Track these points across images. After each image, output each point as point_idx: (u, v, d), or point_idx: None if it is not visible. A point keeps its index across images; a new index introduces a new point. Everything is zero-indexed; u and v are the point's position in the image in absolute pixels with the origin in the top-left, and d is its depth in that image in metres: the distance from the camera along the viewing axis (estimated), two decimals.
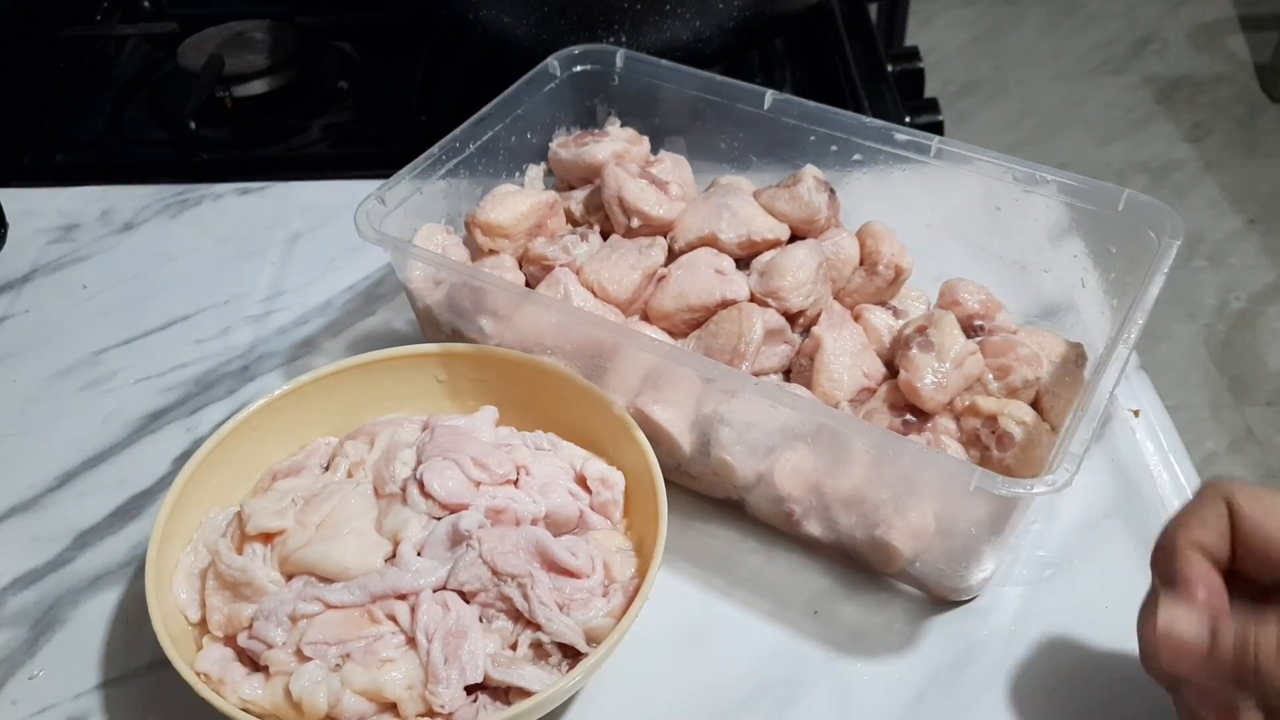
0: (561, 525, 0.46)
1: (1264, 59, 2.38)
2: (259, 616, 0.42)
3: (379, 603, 0.42)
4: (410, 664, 0.41)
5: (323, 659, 0.41)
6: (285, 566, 0.44)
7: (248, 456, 0.49)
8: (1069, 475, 0.39)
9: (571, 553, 0.43)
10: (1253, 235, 2.00)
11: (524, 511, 0.45)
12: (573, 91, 0.63)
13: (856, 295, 0.56)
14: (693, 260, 0.54)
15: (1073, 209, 0.54)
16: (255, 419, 0.49)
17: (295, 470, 0.49)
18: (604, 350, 0.50)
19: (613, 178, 0.56)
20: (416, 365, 0.52)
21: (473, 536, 0.43)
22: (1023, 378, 0.49)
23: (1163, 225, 0.51)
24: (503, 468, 0.46)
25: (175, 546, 0.45)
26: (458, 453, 0.46)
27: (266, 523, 0.45)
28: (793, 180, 0.56)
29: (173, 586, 0.45)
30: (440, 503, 0.44)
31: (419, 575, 0.43)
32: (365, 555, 0.43)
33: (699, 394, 0.48)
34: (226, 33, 0.87)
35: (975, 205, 0.56)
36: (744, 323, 0.51)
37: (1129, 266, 0.52)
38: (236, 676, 0.42)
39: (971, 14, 2.63)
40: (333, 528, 0.44)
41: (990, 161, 0.55)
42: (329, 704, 0.40)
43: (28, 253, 0.69)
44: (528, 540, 0.43)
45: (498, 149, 0.59)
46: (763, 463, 0.48)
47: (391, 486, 0.46)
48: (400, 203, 0.54)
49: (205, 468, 0.47)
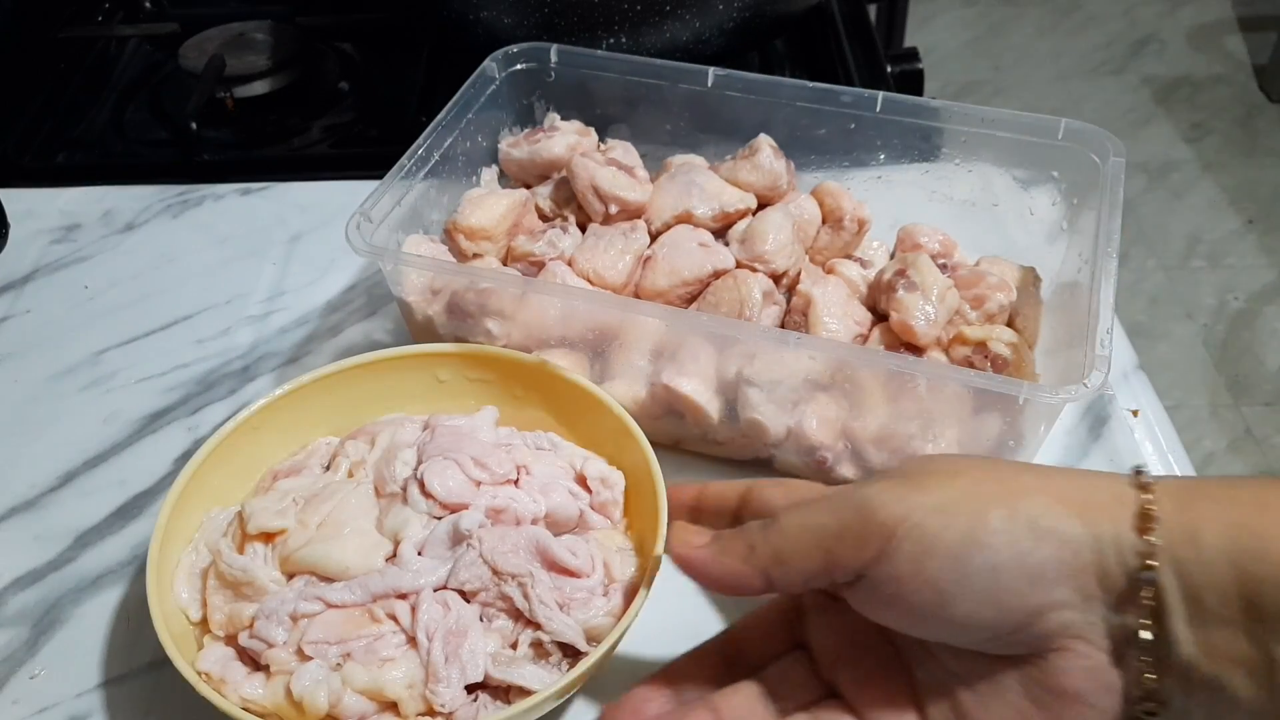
0: (562, 525, 0.46)
1: (1263, 60, 2.39)
2: (260, 616, 0.42)
3: (380, 602, 0.42)
4: (411, 663, 0.41)
5: (323, 658, 0.41)
6: (286, 566, 0.44)
7: (249, 456, 0.49)
8: (1102, 376, 0.43)
9: (572, 552, 0.43)
10: (1251, 235, 2.01)
11: (524, 511, 0.45)
12: (511, 91, 0.63)
13: (825, 252, 0.59)
14: (674, 238, 0.56)
15: (1015, 143, 0.57)
16: (256, 419, 0.49)
17: (296, 470, 0.49)
18: (613, 334, 0.51)
19: (582, 168, 0.57)
20: (418, 365, 0.53)
21: (473, 536, 0.43)
22: (998, 303, 0.53)
23: (1104, 148, 0.55)
24: (503, 467, 0.46)
25: (177, 546, 0.46)
26: (458, 452, 0.46)
27: (267, 522, 0.45)
28: (750, 151, 0.59)
29: (174, 586, 0.45)
30: (441, 502, 0.45)
31: (419, 575, 0.43)
32: (366, 555, 0.43)
33: (718, 361, 0.50)
34: (227, 34, 0.87)
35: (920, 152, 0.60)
36: (742, 289, 0.53)
37: (1074, 190, 0.56)
38: (238, 676, 0.42)
39: (971, 14, 2.63)
40: (333, 527, 0.45)
41: (934, 108, 0.59)
42: (330, 703, 0.40)
43: (29, 253, 0.69)
44: (528, 539, 0.44)
45: (456, 155, 0.59)
46: (791, 417, 0.50)
47: (392, 486, 0.46)
48: (384, 217, 0.54)
49: (206, 467, 0.47)
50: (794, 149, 0.60)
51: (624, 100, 0.63)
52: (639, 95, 0.63)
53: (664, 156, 0.62)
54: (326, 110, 0.86)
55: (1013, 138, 0.57)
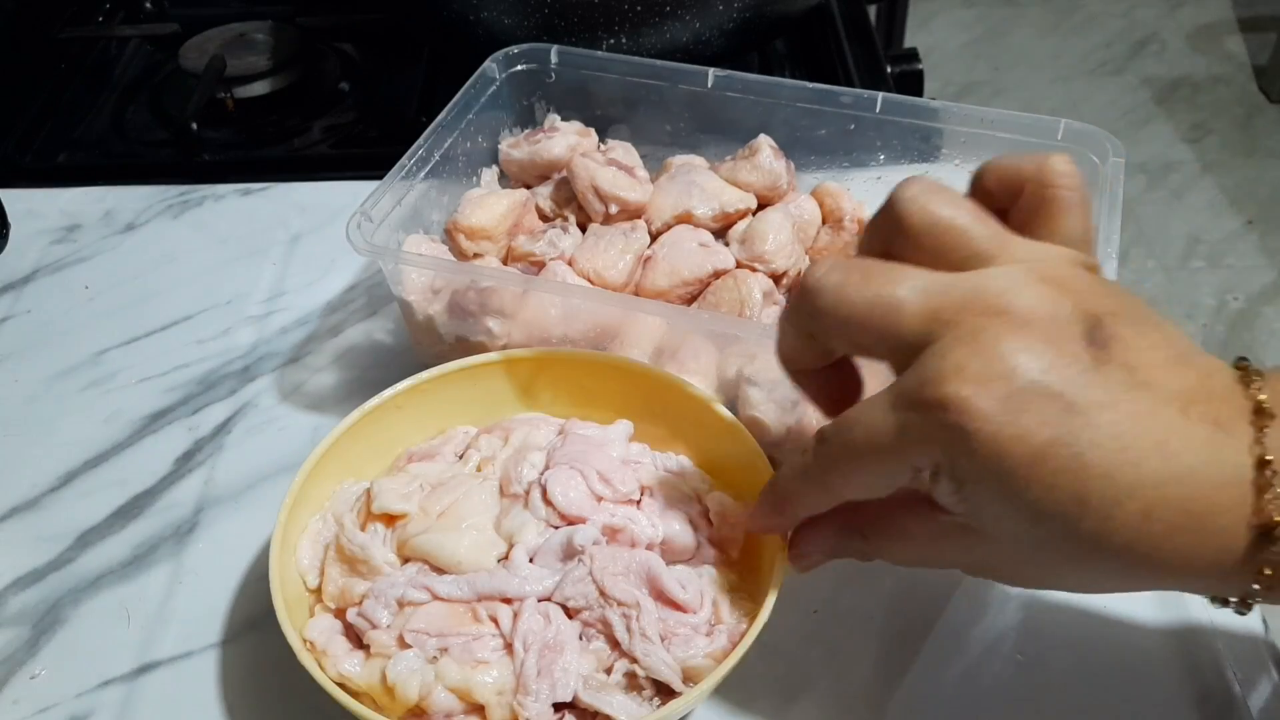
0: (677, 554, 0.45)
1: (1262, 60, 2.39)
2: (370, 595, 0.43)
3: (484, 602, 0.42)
4: (504, 669, 0.40)
5: (421, 648, 0.41)
6: (403, 550, 0.44)
7: (389, 433, 0.49)
8: None
9: (681, 585, 0.42)
10: (1251, 236, 2.01)
11: (641, 534, 0.44)
12: (511, 92, 0.63)
13: (825, 252, 0.59)
14: (674, 238, 0.56)
15: (1015, 143, 0.57)
16: (401, 398, 0.49)
17: (430, 455, 0.49)
18: (614, 333, 0.51)
19: (582, 168, 0.57)
20: (565, 367, 0.52)
21: (585, 552, 0.42)
22: None
23: (1104, 149, 0.54)
24: (626, 486, 0.45)
25: (306, 511, 0.46)
26: (585, 464, 0.45)
27: (391, 504, 0.45)
28: (750, 151, 0.59)
29: (298, 550, 0.45)
30: (560, 512, 0.44)
31: (526, 582, 0.42)
32: (479, 552, 0.43)
33: (719, 360, 0.50)
34: (228, 34, 0.87)
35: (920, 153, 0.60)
36: (742, 289, 0.53)
37: None
38: (339, 650, 0.42)
39: (971, 15, 2.64)
40: (453, 519, 0.44)
41: (934, 108, 0.59)
42: (420, 694, 0.40)
43: (30, 253, 0.69)
44: (640, 565, 0.42)
45: (456, 156, 0.59)
46: (791, 416, 0.50)
47: (516, 487, 0.45)
48: (385, 217, 0.54)
49: (346, 439, 0.47)
50: (794, 149, 0.60)
51: (624, 101, 0.63)
52: (639, 96, 0.63)
53: (664, 156, 0.62)
54: (327, 110, 0.86)
55: (1013, 138, 0.57)
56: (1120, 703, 0.45)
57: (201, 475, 0.55)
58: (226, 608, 0.49)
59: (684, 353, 0.51)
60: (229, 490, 0.54)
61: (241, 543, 0.51)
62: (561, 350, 0.52)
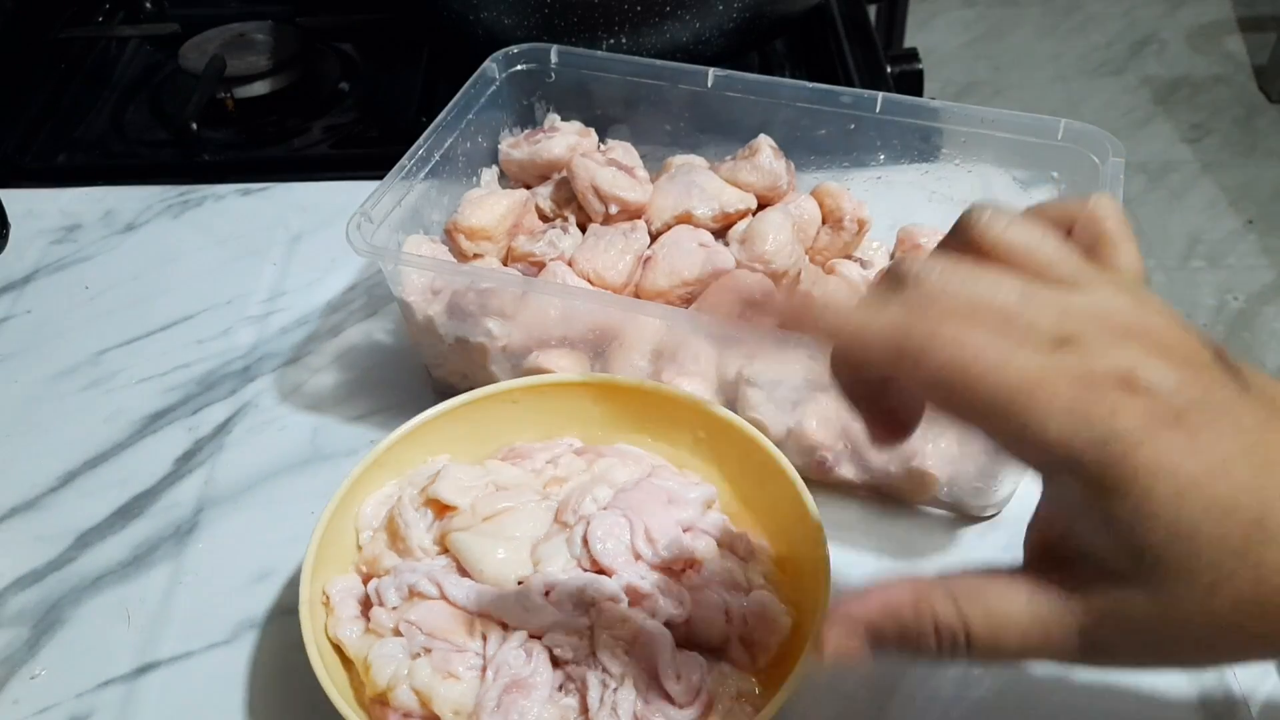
0: (702, 641, 0.41)
1: (1262, 60, 2.39)
2: (391, 572, 0.43)
3: (482, 618, 0.41)
4: (470, 690, 0.39)
5: (410, 641, 0.41)
6: (442, 541, 0.44)
7: (499, 423, 0.50)
8: None
9: (677, 675, 0.39)
10: (1251, 235, 2.01)
11: (661, 608, 0.41)
12: (511, 92, 0.63)
13: (826, 252, 0.59)
14: (674, 238, 0.56)
15: (1014, 143, 0.57)
16: (515, 393, 0.50)
17: (523, 455, 0.49)
18: (613, 334, 0.51)
19: (582, 168, 0.57)
20: (687, 414, 0.49)
21: (596, 606, 0.41)
22: None
23: (1104, 148, 0.54)
24: (670, 552, 0.43)
25: (388, 473, 0.47)
26: (638, 515, 0.43)
27: (445, 493, 0.45)
28: (750, 151, 0.59)
29: (364, 504, 0.46)
30: (591, 555, 0.42)
31: (526, 613, 0.41)
32: (503, 568, 0.42)
33: (718, 361, 0.50)
34: (228, 34, 0.87)
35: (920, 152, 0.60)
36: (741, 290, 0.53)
37: (1073, 191, 0.56)
38: (346, 613, 0.42)
39: (971, 15, 2.63)
40: (495, 527, 0.44)
41: (934, 108, 0.59)
42: (389, 684, 0.40)
43: (30, 253, 0.69)
44: (645, 637, 0.40)
45: (456, 156, 0.59)
46: (791, 417, 0.50)
47: (570, 516, 0.44)
48: (385, 217, 0.54)
49: (445, 419, 0.48)
50: (794, 149, 0.60)
51: (624, 101, 0.63)
52: (639, 95, 0.63)
53: (664, 156, 0.62)
54: (327, 110, 0.86)
55: (1012, 138, 0.57)
56: (1120, 703, 0.45)
57: (201, 475, 0.55)
58: (226, 608, 0.49)
59: (683, 354, 0.51)
60: (229, 490, 0.54)
61: (241, 543, 0.51)
62: (715, 410, 0.49)
